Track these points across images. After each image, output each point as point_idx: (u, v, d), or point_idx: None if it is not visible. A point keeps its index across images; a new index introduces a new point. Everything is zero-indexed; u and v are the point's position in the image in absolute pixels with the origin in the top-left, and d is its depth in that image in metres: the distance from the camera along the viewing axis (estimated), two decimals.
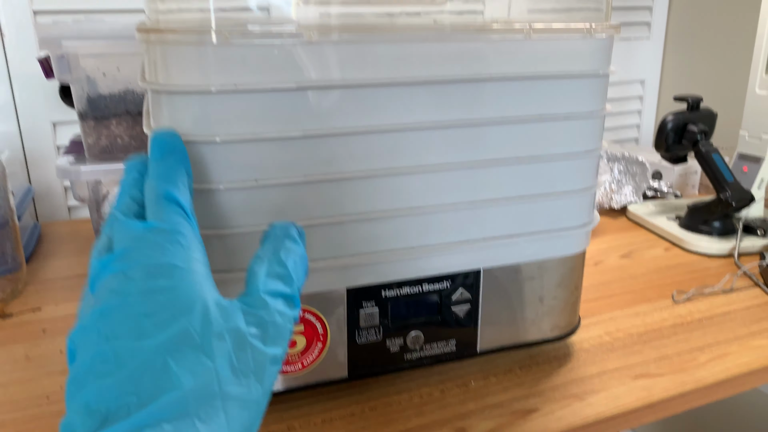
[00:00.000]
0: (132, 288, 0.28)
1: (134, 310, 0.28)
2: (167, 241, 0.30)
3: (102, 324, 0.28)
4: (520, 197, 0.47)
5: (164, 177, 0.34)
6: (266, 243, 0.34)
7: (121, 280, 0.29)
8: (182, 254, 0.30)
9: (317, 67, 0.40)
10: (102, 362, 0.27)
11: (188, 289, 0.29)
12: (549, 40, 0.45)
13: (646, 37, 1.27)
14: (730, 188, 0.79)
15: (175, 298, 0.28)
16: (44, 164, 0.90)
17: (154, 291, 0.28)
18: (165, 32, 0.38)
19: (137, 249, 0.30)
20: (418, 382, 0.51)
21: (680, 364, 0.54)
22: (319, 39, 0.39)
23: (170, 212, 0.32)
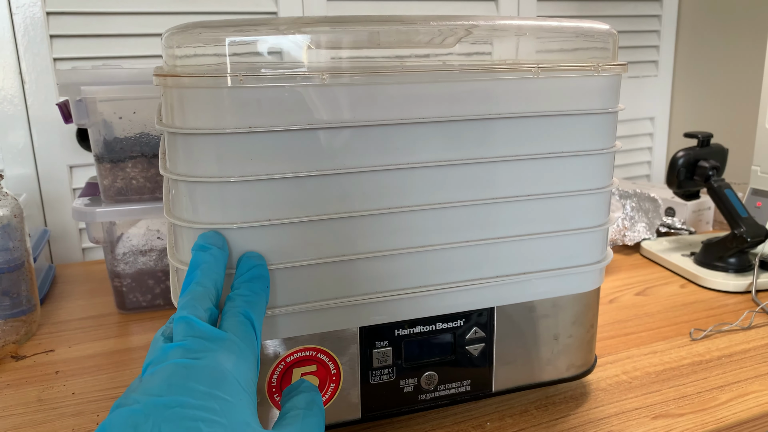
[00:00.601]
0: (191, 387, 0.30)
1: (187, 413, 0.29)
2: (236, 354, 0.33)
3: (153, 414, 0.29)
4: (532, 234, 0.47)
5: (249, 302, 0.38)
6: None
7: (183, 373, 0.31)
8: (243, 373, 0.33)
9: (329, 108, 0.40)
10: None
11: (239, 413, 0.31)
12: (557, 78, 0.45)
13: (654, 74, 1.29)
14: (745, 224, 0.78)
15: (226, 416, 0.30)
16: (60, 207, 0.91)
17: (211, 398, 0.30)
18: (181, 76, 0.39)
19: (204, 350, 0.32)
20: (433, 423, 0.50)
21: (700, 403, 0.52)
22: (330, 81, 0.40)
23: (246, 331, 0.35)
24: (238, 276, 0.40)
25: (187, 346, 0.33)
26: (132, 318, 0.71)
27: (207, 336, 0.34)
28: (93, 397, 0.55)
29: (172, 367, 0.31)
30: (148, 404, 0.30)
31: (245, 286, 0.39)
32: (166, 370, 0.31)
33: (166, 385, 0.30)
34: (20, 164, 0.89)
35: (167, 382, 0.31)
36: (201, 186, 0.41)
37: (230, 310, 0.37)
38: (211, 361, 0.32)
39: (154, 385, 0.31)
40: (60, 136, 0.89)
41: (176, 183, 0.42)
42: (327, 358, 0.45)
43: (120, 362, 0.61)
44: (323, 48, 0.44)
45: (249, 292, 0.38)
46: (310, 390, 0.38)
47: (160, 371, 0.31)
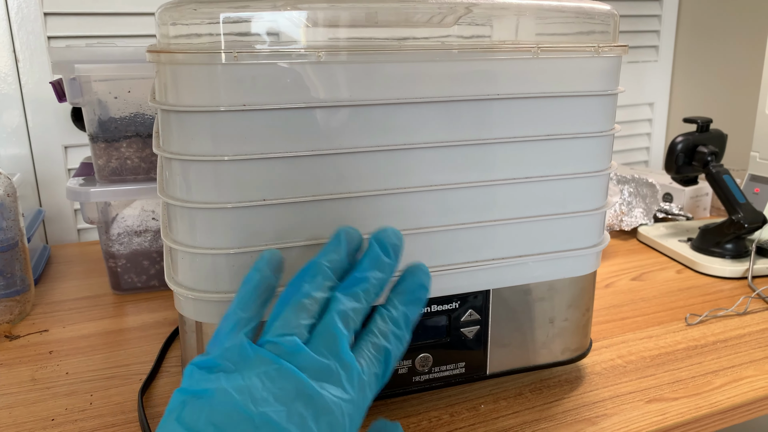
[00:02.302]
0: (306, 425, 0.29)
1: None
2: (353, 408, 0.31)
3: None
4: (529, 217, 0.47)
5: (400, 338, 0.35)
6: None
7: (305, 401, 0.29)
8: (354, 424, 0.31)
9: (325, 86, 0.40)
10: None
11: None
12: (557, 59, 0.45)
13: (654, 60, 1.28)
14: (742, 210, 0.78)
15: None
16: (55, 187, 0.91)
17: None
18: (175, 53, 0.39)
19: (340, 385, 0.31)
20: (427, 405, 0.50)
21: (695, 388, 0.52)
22: (327, 59, 0.39)
23: (378, 376, 0.33)
24: (402, 292, 0.37)
25: (322, 367, 0.30)
26: (127, 299, 0.71)
27: (346, 368, 0.31)
28: (86, 377, 0.54)
29: (299, 383, 0.30)
30: (261, 416, 0.28)
31: (402, 312, 0.36)
32: (292, 383, 0.29)
33: (287, 408, 0.29)
34: (14, 144, 0.88)
35: (288, 403, 0.29)
36: (195, 165, 0.40)
37: (375, 339, 0.34)
38: (334, 402, 0.30)
39: (273, 394, 0.29)
40: (55, 116, 0.89)
41: (170, 162, 0.41)
42: None
43: (114, 342, 0.61)
44: (320, 26, 0.44)
45: (404, 324, 0.35)
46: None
47: (284, 377, 0.30)
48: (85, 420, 0.48)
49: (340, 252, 0.36)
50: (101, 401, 0.51)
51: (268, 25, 0.41)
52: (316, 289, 0.34)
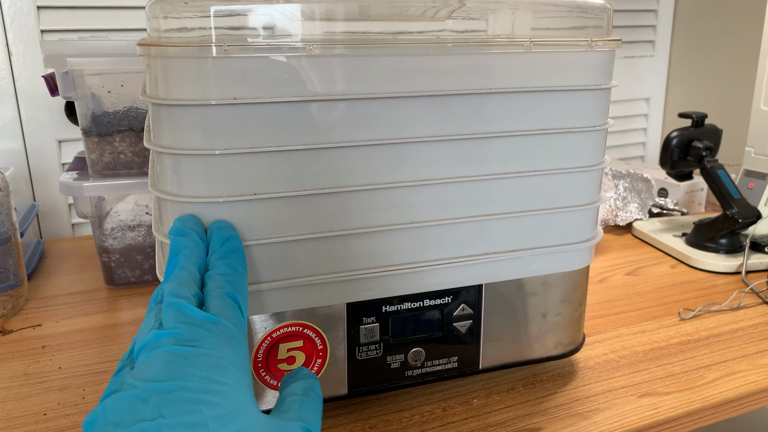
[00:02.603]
0: (190, 373, 0.30)
1: (188, 396, 0.29)
2: (228, 339, 0.33)
3: (153, 398, 0.29)
4: (522, 212, 0.47)
5: (231, 281, 0.37)
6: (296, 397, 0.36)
7: (180, 361, 0.31)
8: (239, 357, 0.33)
9: (317, 80, 0.40)
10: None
11: (238, 397, 0.31)
12: (550, 53, 0.44)
13: (650, 55, 1.28)
14: (737, 205, 0.78)
15: (226, 399, 0.30)
16: (49, 181, 0.90)
17: (211, 382, 0.30)
18: (165, 46, 0.38)
19: (199, 337, 0.32)
20: (420, 399, 0.50)
21: (687, 382, 0.53)
22: (319, 52, 0.39)
23: (234, 314, 0.35)
24: (213, 251, 0.39)
25: (180, 335, 0.32)
26: (120, 293, 0.71)
27: (199, 322, 0.33)
28: (79, 371, 0.54)
29: (168, 354, 0.31)
30: (146, 389, 0.29)
31: (223, 263, 0.38)
32: (162, 357, 0.31)
33: (164, 371, 0.30)
34: (8, 138, 0.88)
35: (165, 368, 0.30)
36: (186, 159, 0.40)
37: (214, 291, 0.36)
38: (206, 348, 0.32)
39: (151, 372, 0.30)
40: (48, 110, 0.88)
41: (160, 156, 0.41)
42: (314, 333, 0.44)
43: (107, 337, 0.60)
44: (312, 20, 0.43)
45: (229, 269, 0.38)
46: (308, 377, 0.38)
47: (155, 358, 0.31)
48: (78, 414, 0.48)
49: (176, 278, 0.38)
50: (94, 396, 0.51)
51: (259, 18, 0.41)
52: (154, 301, 0.37)
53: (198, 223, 0.40)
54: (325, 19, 0.44)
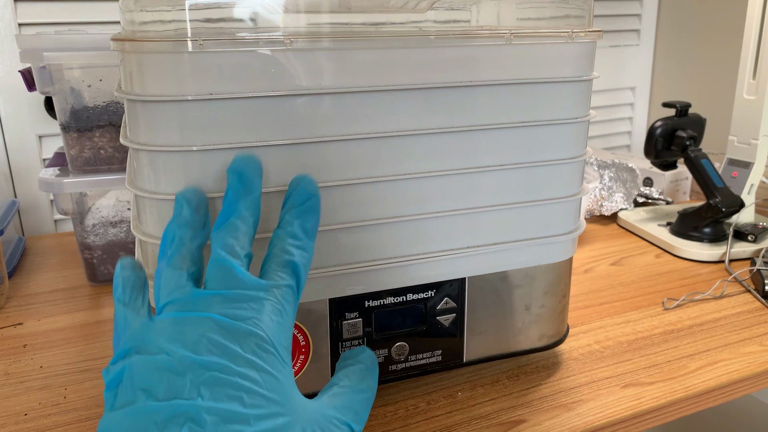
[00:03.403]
0: (233, 351, 0.28)
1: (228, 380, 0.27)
2: (278, 317, 0.31)
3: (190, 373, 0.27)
4: (504, 204, 0.47)
5: (301, 247, 0.34)
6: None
7: (223, 334, 0.28)
8: (284, 339, 0.31)
9: (296, 74, 0.39)
10: None
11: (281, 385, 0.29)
12: (530, 45, 0.44)
13: (635, 44, 1.28)
14: (720, 194, 0.78)
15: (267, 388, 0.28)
16: (30, 177, 0.89)
17: (253, 367, 0.28)
18: (140, 41, 0.38)
19: (247, 309, 0.30)
20: (405, 393, 0.50)
21: (670, 372, 0.53)
22: (296, 46, 0.39)
23: (290, 287, 0.33)
24: (291, 207, 0.35)
25: (228, 297, 0.29)
26: (103, 290, 0.70)
27: (249, 289, 0.30)
28: (61, 370, 0.54)
29: (211, 322, 0.28)
30: (183, 360, 0.27)
31: (298, 224, 0.35)
32: (204, 323, 0.28)
33: (205, 343, 0.28)
34: None
35: (205, 338, 0.28)
36: (162, 155, 0.39)
37: (279, 255, 0.33)
38: (254, 325, 0.29)
39: (188, 338, 0.28)
40: (28, 105, 0.87)
41: (137, 153, 0.40)
42: (296, 329, 0.44)
43: (90, 335, 0.60)
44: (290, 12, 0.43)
45: (301, 233, 0.34)
46: (368, 361, 0.35)
47: (194, 323, 0.28)
48: (59, 414, 0.48)
49: (183, 210, 0.35)
50: (76, 395, 0.50)
51: (235, 11, 0.40)
52: (180, 245, 0.33)
53: (259, 166, 0.37)
54: (304, 12, 0.43)
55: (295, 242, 0.34)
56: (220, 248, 0.32)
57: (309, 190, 0.36)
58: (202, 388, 0.26)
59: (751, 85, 0.81)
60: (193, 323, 0.28)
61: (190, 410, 0.26)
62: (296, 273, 0.33)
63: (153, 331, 0.29)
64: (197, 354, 0.27)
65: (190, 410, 0.26)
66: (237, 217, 0.34)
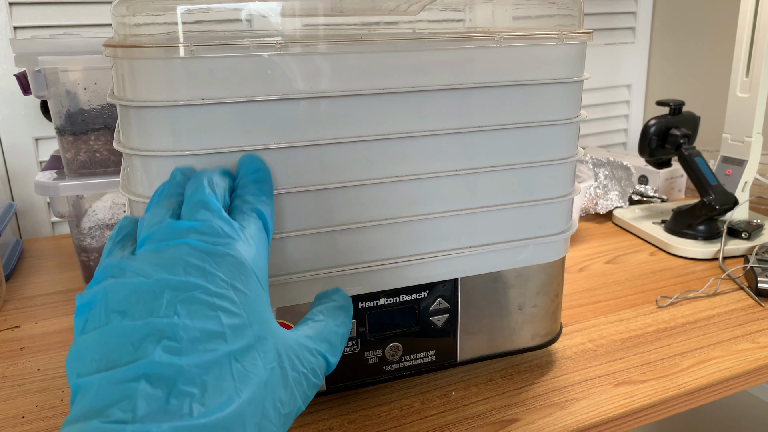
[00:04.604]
0: (210, 273, 0.28)
1: (206, 299, 0.27)
2: (253, 248, 0.32)
3: (167, 293, 0.27)
4: (496, 206, 0.47)
5: (261, 201, 0.35)
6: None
7: (200, 257, 0.29)
8: (261, 268, 0.32)
9: (287, 78, 0.40)
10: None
11: (257, 309, 0.29)
12: (521, 47, 0.44)
13: (631, 41, 1.28)
14: (714, 192, 0.79)
15: (245, 310, 0.29)
16: (27, 180, 0.90)
17: (231, 288, 0.29)
18: (132, 47, 0.38)
19: (223, 237, 0.30)
20: (399, 393, 0.50)
21: (662, 370, 0.53)
22: (288, 50, 0.39)
23: (260, 229, 0.34)
24: (244, 176, 0.37)
25: (204, 229, 0.30)
26: None
27: (224, 223, 0.31)
28: (58, 373, 0.54)
29: (188, 247, 0.29)
30: (159, 281, 0.27)
31: (252, 186, 0.36)
32: (180, 249, 0.28)
33: (182, 265, 0.28)
34: None
35: (183, 261, 0.28)
36: (155, 160, 0.40)
37: (242, 206, 0.34)
38: (230, 249, 0.30)
39: (166, 263, 0.28)
40: (24, 108, 0.87)
41: (130, 157, 0.41)
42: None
43: None
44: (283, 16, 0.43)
45: (258, 192, 0.36)
46: (342, 299, 0.36)
47: (171, 249, 0.29)
48: (56, 417, 0.48)
49: (177, 176, 0.36)
50: None
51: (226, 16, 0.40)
52: (168, 196, 0.34)
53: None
54: (296, 15, 0.44)
55: (256, 197, 0.35)
56: (200, 186, 0.33)
57: (256, 165, 0.38)
58: (178, 306, 0.27)
59: (744, 82, 0.81)
60: (170, 249, 0.29)
61: (165, 328, 0.26)
62: (263, 218, 0.34)
63: (131, 259, 0.29)
64: (174, 275, 0.27)
65: (165, 328, 0.26)
66: (221, 174, 0.35)
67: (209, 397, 0.25)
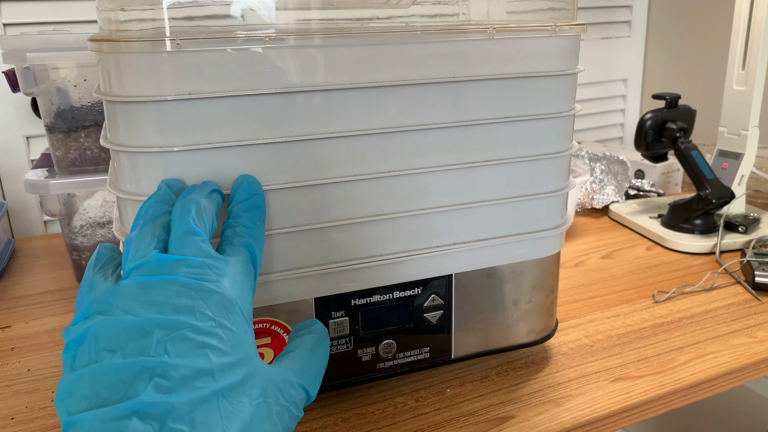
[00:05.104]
0: (198, 311, 0.29)
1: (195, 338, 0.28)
2: (240, 284, 0.32)
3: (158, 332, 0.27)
4: (490, 201, 0.46)
5: (251, 234, 0.36)
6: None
7: (189, 294, 0.29)
8: (246, 304, 0.32)
9: (276, 72, 0.39)
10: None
11: (244, 346, 0.30)
12: (514, 39, 0.44)
13: (627, 35, 1.27)
14: (710, 185, 0.78)
15: (232, 347, 0.29)
16: (18, 178, 0.89)
17: (219, 326, 0.29)
18: (117, 41, 0.37)
19: (210, 273, 0.31)
20: (393, 391, 0.50)
21: (659, 365, 0.53)
22: (276, 44, 0.38)
23: (246, 263, 0.34)
24: (238, 202, 0.37)
25: (192, 264, 0.30)
26: None
27: (211, 258, 0.31)
28: (49, 373, 0.54)
29: (177, 285, 0.29)
30: (150, 320, 0.27)
31: (246, 215, 0.36)
32: (169, 286, 0.29)
33: (171, 303, 0.28)
34: None
35: (171, 299, 0.28)
36: (143, 156, 0.39)
37: (232, 238, 0.34)
38: (217, 286, 0.30)
39: (154, 300, 0.28)
40: (14, 105, 0.86)
41: (118, 154, 0.40)
42: (281, 329, 0.44)
43: None
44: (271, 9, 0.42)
45: (250, 223, 0.36)
46: (319, 332, 0.36)
47: (160, 286, 0.29)
48: (46, 418, 0.48)
49: (162, 189, 0.36)
50: None
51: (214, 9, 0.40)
52: (154, 217, 0.34)
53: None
54: (286, 9, 0.43)
55: (248, 230, 0.36)
56: (185, 218, 0.33)
57: (252, 189, 0.38)
58: (168, 345, 0.27)
59: (740, 75, 0.80)
60: (158, 286, 0.29)
61: (156, 366, 0.26)
62: (252, 252, 0.35)
63: (118, 294, 0.30)
64: (163, 314, 0.28)
65: (156, 366, 0.26)
66: (200, 195, 0.35)
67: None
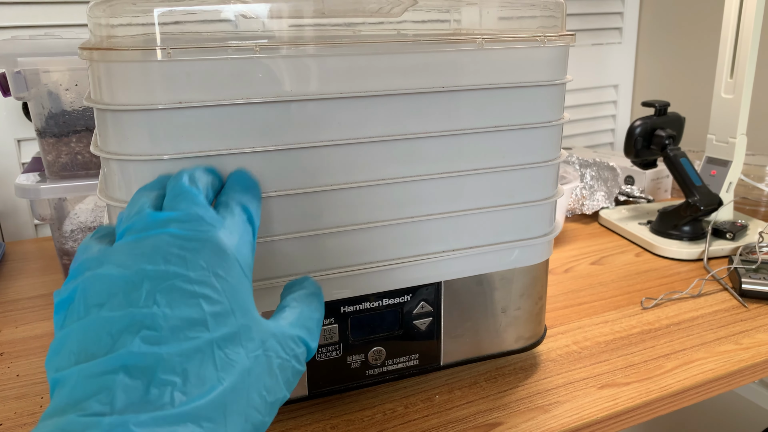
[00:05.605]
0: (190, 260, 0.28)
1: (186, 287, 0.27)
2: (237, 236, 0.31)
3: (147, 283, 0.27)
4: (479, 209, 0.47)
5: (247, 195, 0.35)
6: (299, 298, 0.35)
7: (180, 245, 0.28)
8: (244, 256, 0.31)
9: (266, 81, 0.39)
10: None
11: (240, 297, 0.29)
12: (502, 50, 0.44)
13: (618, 42, 1.28)
14: (699, 192, 0.79)
15: (227, 297, 0.28)
16: (9, 182, 0.88)
17: (213, 275, 0.28)
18: (108, 50, 0.37)
19: (204, 225, 0.30)
20: (382, 398, 0.50)
21: (646, 372, 0.53)
22: (267, 53, 0.39)
23: (244, 221, 0.33)
24: (232, 183, 0.36)
25: (184, 218, 0.29)
26: None
27: (206, 210, 0.30)
28: (38, 378, 0.54)
29: (168, 236, 0.28)
30: (138, 272, 0.27)
31: (239, 187, 0.35)
32: (160, 239, 0.28)
33: (161, 255, 0.27)
34: None
35: (163, 251, 0.27)
36: (133, 165, 0.39)
37: (227, 201, 0.33)
38: (212, 237, 0.29)
39: (145, 254, 0.27)
40: (6, 109, 0.86)
41: (108, 162, 0.40)
42: None
43: None
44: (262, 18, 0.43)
45: (245, 191, 0.35)
46: (312, 286, 0.36)
47: (150, 239, 0.28)
48: (35, 423, 0.48)
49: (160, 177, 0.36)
50: None
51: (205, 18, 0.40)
52: (148, 188, 0.33)
53: None
54: (277, 17, 0.43)
55: (243, 195, 0.35)
56: (181, 181, 0.32)
57: (246, 174, 0.37)
58: (158, 296, 0.26)
59: (728, 83, 0.81)
60: (150, 239, 0.28)
61: (145, 318, 0.25)
62: (248, 212, 0.34)
63: (109, 251, 0.29)
64: (154, 265, 0.27)
65: (145, 318, 0.25)
66: (208, 171, 0.35)
67: (191, 386, 0.25)
